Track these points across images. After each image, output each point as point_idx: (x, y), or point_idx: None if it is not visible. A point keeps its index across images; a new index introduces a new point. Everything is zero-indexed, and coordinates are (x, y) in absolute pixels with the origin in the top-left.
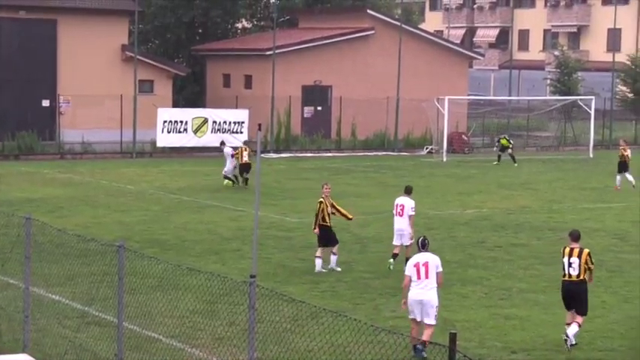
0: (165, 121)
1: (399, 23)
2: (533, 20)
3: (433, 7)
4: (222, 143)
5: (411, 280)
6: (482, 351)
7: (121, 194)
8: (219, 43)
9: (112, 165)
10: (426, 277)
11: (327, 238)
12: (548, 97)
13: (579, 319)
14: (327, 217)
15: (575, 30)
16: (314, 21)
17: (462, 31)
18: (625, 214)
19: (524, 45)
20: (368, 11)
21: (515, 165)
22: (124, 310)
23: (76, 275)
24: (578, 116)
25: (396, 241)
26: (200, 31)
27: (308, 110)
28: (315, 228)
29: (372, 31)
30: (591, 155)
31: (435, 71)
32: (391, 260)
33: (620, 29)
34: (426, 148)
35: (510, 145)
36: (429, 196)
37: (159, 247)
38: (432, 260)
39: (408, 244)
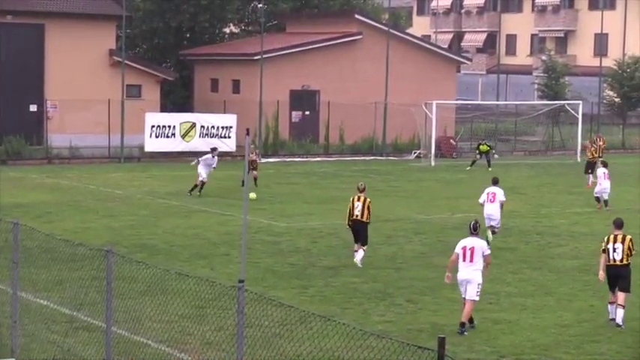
0: (153, 126)
1: (386, 28)
2: (521, 25)
3: (421, 12)
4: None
5: (457, 259)
6: (471, 355)
7: (109, 199)
8: (207, 47)
9: (99, 170)
10: (471, 260)
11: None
12: (535, 102)
13: (622, 298)
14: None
15: (562, 35)
16: (301, 26)
17: (450, 36)
18: (611, 218)
19: (511, 50)
20: (355, 16)
21: (489, 170)
22: (113, 315)
23: (64, 280)
24: (565, 121)
25: (487, 225)
26: (188, 35)
27: (296, 115)
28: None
29: (360, 36)
30: (579, 160)
31: (422, 76)
32: (488, 232)
33: (607, 34)
34: (414, 153)
35: (491, 151)
36: (418, 201)
37: (147, 252)
38: (477, 245)
39: (497, 227)
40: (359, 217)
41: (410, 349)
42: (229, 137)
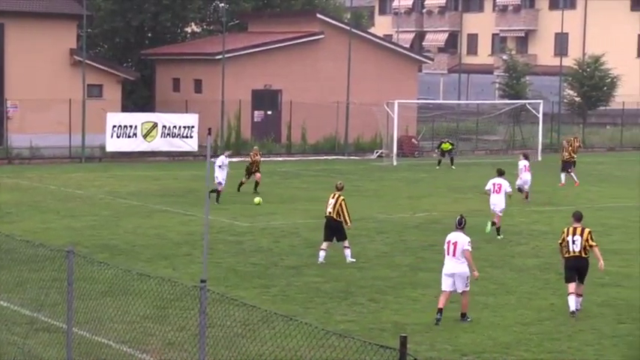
0: (114, 126)
1: (348, 27)
2: (482, 25)
3: (382, 12)
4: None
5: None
6: (433, 354)
7: (70, 199)
8: (168, 47)
9: (60, 170)
10: (454, 255)
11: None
12: (496, 101)
13: (581, 289)
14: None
15: (523, 34)
16: (264, 25)
17: (412, 36)
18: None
19: (472, 49)
20: (317, 15)
21: (453, 168)
22: (74, 316)
23: (24, 281)
24: (526, 120)
25: (492, 211)
26: (149, 35)
27: (258, 114)
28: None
29: (322, 36)
30: (539, 158)
31: (384, 75)
32: (489, 224)
33: (567, 34)
34: (376, 152)
35: (453, 149)
36: (380, 200)
37: (108, 252)
38: (460, 240)
39: (500, 214)
40: (331, 214)
41: (372, 348)
42: (191, 137)
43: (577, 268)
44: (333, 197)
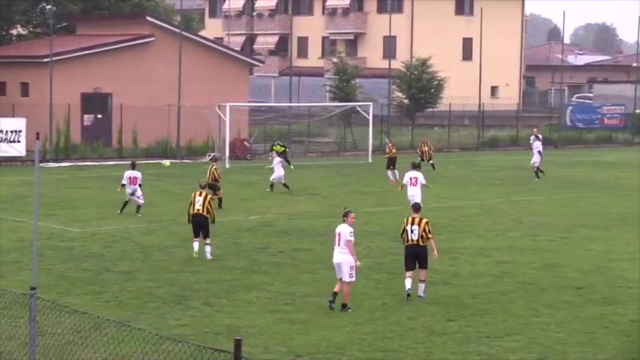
0: None
1: (178, 30)
2: (312, 28)
3: (213, 14)
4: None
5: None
6: (267, 356)
7: None
8: None
9: None
10: (338, 244)
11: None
12: (327, 104)
13: (423, 274)
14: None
15: (352, 37)
16: (92, 27)
17: (242, 38)
18: (403, 217)
19: (303, 52)
20: (147, 18)
21: (292, 168)
22: None
23: None
24: (357, 122)
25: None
26: None
27: (88, 118)
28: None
29: (152, 38)
30: (370, 160)
31: (215, 78)
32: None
33: (395, 37)
34: (209, 155)
35: (286, 150)
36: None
37: None
38: (344, 231)
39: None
40: (200, 211)
41: (206, 351)
42: (19, 142)
43: (415, 256)
44: (200, 195)
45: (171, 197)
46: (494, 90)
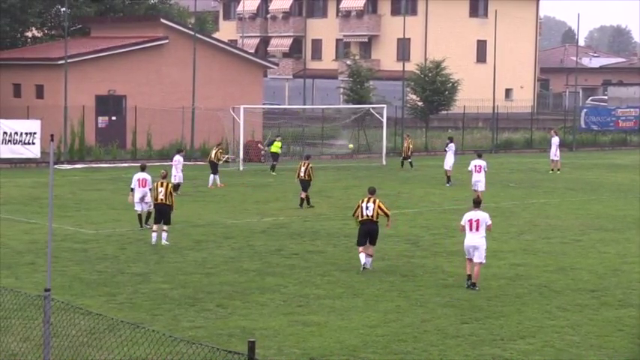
0: None
1: (192, 32)
2: (326, 30)
3: (227, 17)
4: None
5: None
6: (281, 358)
7: None
8: (8, 52)
9: None
10: (477, 229)
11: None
12: (341, 106)
13: (371, 250)
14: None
15: (366, 40)
16: (107, 30)
17: (256, 41)
18: (417, 220)
19: (317, 54)
20: (161, 20)
21: (273, 174)
22: None
23: None
24: (370, 124)
25: (474, 189)
26: None
27: (102, 120)
28: None
29: (166, 40)
30: (384, 162)
31: (229, 80)
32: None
33: (409, 39)
34: (223, 157)
35: (278, 152)
36: (227, 205)
37: None
38: (482, 217)
39: (483, 189)
40: (163, 200)
41: (220, 353)
42: (33, 144)
43: (368, 231)
44: (161, 185)
45: (185, 199)
46: (508, 92)
